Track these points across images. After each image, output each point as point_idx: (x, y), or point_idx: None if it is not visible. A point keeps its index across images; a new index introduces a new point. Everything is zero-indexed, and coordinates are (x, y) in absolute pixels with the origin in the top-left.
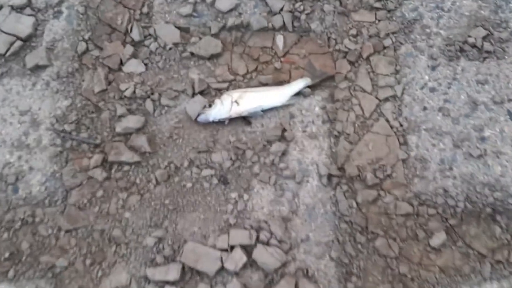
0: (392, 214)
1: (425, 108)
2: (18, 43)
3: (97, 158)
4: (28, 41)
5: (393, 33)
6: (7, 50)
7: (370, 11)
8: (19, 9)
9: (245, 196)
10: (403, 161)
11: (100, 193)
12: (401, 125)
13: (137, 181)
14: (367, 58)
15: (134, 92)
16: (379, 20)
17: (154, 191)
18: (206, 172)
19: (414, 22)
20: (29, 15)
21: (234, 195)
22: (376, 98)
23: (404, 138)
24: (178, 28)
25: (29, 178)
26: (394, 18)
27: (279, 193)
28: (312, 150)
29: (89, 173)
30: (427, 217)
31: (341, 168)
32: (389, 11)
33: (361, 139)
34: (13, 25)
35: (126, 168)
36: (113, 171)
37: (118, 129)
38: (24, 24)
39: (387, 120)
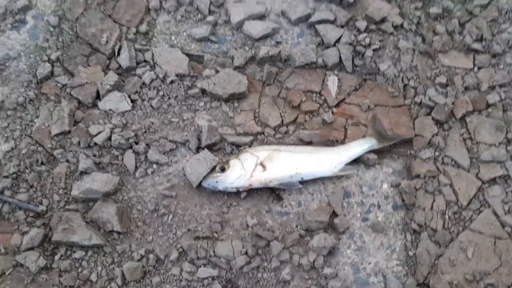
0: None
1: None
2: None
3: (34, 234)
4: None
5: (500, 86)
6: None
7: (466, 54)
8: None
9: None
10: None
11: None
12: None
13: (93, 277)
14: (463, 118)
15: (109, 138)
16: (479, 68)
17: None
18: (205, 272)
19: None
20: None
21: None
22: (478, 178)
23: None
24: (187, 54)
25: None
26: (501, 66)
27: None
28: (376, 251)
29: (17, 257)
30: None
31: (423, 285)
32: (494, 55)
33: (455, 239)
34: None
35: (78, 254)
36: (56, 257)
37: (76, 192)
38: None
39: (495, 214)
